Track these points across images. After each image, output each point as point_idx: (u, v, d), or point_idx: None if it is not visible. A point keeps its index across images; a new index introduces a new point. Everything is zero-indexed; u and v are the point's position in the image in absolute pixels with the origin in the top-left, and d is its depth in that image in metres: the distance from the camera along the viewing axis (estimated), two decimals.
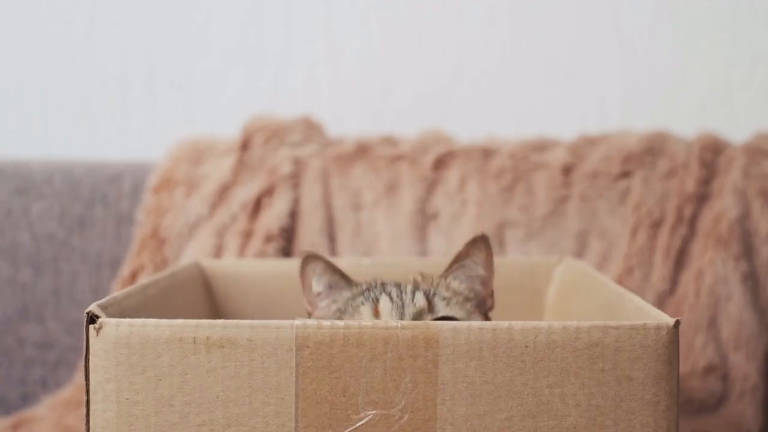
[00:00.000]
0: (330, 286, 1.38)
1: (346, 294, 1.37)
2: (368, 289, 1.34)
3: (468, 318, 1.30)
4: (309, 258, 1.37)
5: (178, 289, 1.58)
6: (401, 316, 1.27)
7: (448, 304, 1.30)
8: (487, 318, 1.38)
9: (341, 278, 1.37)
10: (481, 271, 1.35)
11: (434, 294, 1.31)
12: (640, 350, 1.14)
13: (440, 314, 1.29)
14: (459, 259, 1.35)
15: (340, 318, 1.36)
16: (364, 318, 1.29)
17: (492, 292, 1.39)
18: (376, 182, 2.23)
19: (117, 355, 1.14)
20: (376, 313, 1.29)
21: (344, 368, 1.14)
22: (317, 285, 1.38)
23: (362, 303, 1.31)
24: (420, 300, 1.28)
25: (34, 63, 2.60)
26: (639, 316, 1.23)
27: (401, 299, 1.28)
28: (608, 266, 2.15)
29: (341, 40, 2.58)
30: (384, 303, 1.29)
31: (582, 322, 1.14)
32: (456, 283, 1.35)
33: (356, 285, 1.37)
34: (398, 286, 1.33)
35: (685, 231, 2.13)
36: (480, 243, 1.34)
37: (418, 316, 1.28)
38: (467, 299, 1.34)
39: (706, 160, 2.19)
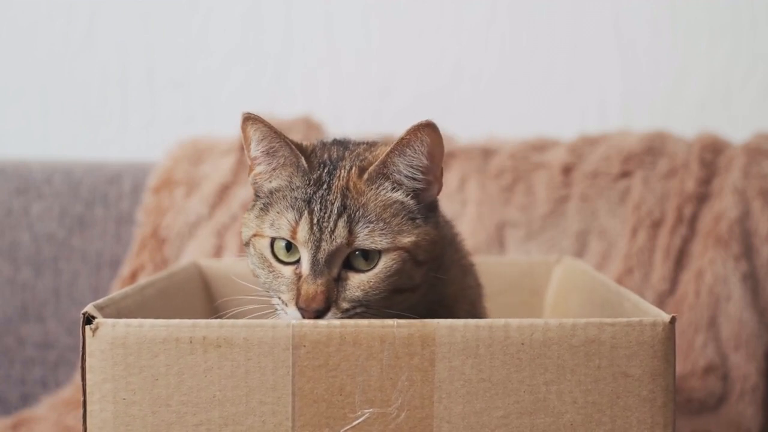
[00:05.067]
0: (268, 153, 1.29)
1: (285, 173, 1.28)
2: (303, 185, 1.26)
3: (393, 241, 1.22)
4: (249, 120, 1.27)
5: (176, 289, 1.57)
6: (316, 251, 1.21)
7: (372, 232, 1.22)
8: (431, 206, 1.30)
9: (283, 145, 1.27)
10: (424, 161, 1.24)
11: (359, 218, 1.22)
12: (636, 347, 1.13)
13: (360, 247, 1.22)
14: (401, 147, 1.24)
15: (269, 202, 1.27)
16: (281, 232, 1.23)
17: (440, 174, 1.29)
18: None
19: (113, 356, 1.14)
20: (293, 236, 1.22)
21: (341, 367, 1.14)
22: (255, 149, 1.29)
23: (287, 210, 1.24)
24: (339, 234, 1.21)
25: (34, 63, 2.60)
26: (636, 313, 1.23)
27: (321, 228, 1.21)
28: (608, 266, 2.14)
29: (341, 40, 2.58)
30: (302, 229, 1.22)
31: (578, 319, 1.14)
32: (389, 190, 1.25)
33: (299, 157, 1.27)
34: (326, 198, 1.23)
35: (685, 231, 2.13)
36: (422, 132, 1.22)
37: (334, 253, 1.21)
38: (401, 207, 1.25)
39: (706, 160, 2.19)
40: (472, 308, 1.41)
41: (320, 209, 1.23)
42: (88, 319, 1.15)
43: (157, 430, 1.15)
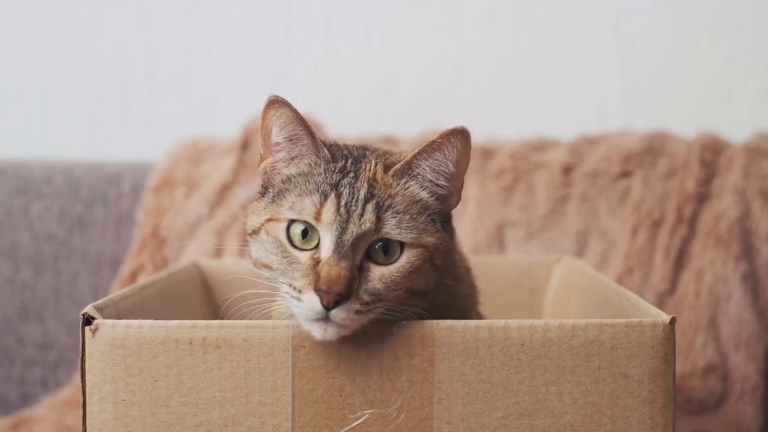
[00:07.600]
0: (291, 140, 1.25)
1: (305, 161, 1.25)
2: (327, 171, 1.23)
3: (418, 237, 1.20)
4: (275, 103, 1.25)
5: (176, 289, 1.57)
6: (341, 232, 1.17)
7: (399, 223, 1.19)
8: (447, 217, 1.28)
9: (306, 134, 1.24)
10: (451, 168, 1.23)
11: (388, 207, 1.20)
12: (636, 347, 1.14)
13: (386, 237, 1.19)
14: (430, 149, 1.22)
15: (286, 188, 1.23)
16: (303, 214, 1.19)
17: (461, 187, 1.27)
18: None
19: (113, 357, 1.14)
20: (317, 216, 1.18)
21: (340, 368, 1.14)
22: (277, 135, 1.25)
23: (310, 193, 1.20)
24: (368, 219, 1.18)
25: (34, 63, 2.60)
26: (636, 313, 1.23)
27: (348, 211, 1.18)
28: (608, 266, 2.14)
29: (341, 40, 2.58)
30: (328, 210, 1.18)
31: (578, 320, 1.14)
32: (415, 188, 1.23)
33: (320, 147, 1.24)
34: (353, 184, 1.21)
35: (685, 231, 2.13)
36: (456, 138, 1.21)
37: (360, 238, 1.17)
38: (425, 207, 1.23)
39: (706, 160, 2.19)
40: (463, 317, 1.40)
41: (348, 193, 1.19)
42: (88, 320, 1.15)
43: (157, 431, 1.15)
